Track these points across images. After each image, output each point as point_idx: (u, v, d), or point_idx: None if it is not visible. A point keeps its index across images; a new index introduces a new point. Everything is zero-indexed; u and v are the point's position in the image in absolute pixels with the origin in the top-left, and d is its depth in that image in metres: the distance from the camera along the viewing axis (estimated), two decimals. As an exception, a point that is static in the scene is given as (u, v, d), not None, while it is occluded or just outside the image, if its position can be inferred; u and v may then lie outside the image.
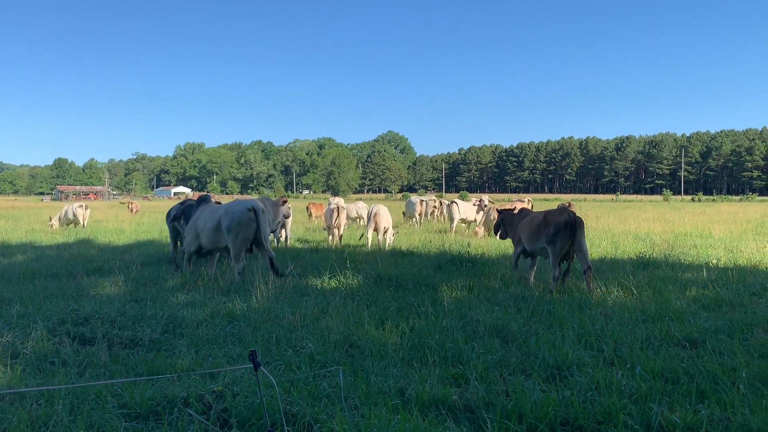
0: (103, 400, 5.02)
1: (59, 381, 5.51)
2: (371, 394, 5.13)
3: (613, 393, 5.07)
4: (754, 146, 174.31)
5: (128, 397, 5.05)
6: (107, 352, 6.45)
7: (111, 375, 5.80)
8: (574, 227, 9.77)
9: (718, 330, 7.09)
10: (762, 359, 5.94)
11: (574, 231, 9.76)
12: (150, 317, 7.85)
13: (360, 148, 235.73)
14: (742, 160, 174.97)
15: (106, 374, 5.84)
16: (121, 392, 5.20)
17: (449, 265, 12.34)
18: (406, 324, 7.42)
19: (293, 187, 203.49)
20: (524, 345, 6.56)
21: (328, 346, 6.56)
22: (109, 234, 22.96)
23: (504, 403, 4.91)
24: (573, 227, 9.77)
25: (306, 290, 9.74)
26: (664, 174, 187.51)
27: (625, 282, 9.91)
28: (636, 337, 6.74)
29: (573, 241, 9.81)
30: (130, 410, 4.88)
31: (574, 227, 9.77)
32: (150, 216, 39.22)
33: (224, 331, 7.31)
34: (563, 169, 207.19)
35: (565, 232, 9.77)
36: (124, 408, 4.92)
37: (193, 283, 10.51)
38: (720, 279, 10.42)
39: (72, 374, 5.79)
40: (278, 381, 5.34)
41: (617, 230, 22.90)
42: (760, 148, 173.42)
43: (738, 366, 5.73)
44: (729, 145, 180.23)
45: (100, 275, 11.59)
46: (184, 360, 6.13)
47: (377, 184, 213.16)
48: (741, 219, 30.44)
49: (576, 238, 9.80)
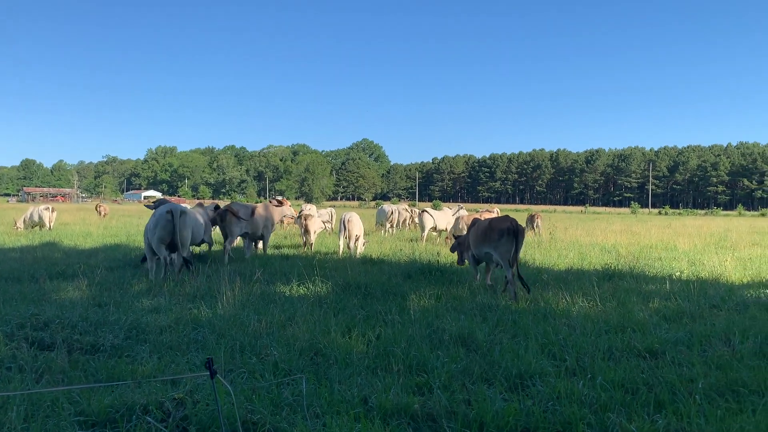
0: (59, 407, 4.92)
1: (14, 387, 5.39)
2: (334, 402, 5.12)
3: (573, 403, 5.13)
4: (719, 162, 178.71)
5: (86, 404, 4.96)
6: (67, 357, 6.32)
7: (69, 381, 5.69)
8: (517, 233, 10.44)
9: (678, 341, 7.22)
10: (719, 370, 6.07)
11: (516, 237, 10.40)
12: (113, 322, 7.72)
13: (334, 155, 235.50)
14: (708, 175, 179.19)
15: (65, 380, 5.72)
16: (79, 399, 5.10)
17: (418, 273, 12.38)
18: (372, 332, 7.41)
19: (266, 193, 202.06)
20: (488, 354, 6.61)
21: (293, 353, 6.52)
22: (75, 237, 22.53)
23: (466, 411, 4.94)
24: (516, 233, 10.43)
25: (273, 297, 9.68)
26: (632, 187, 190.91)
27: (589, 293, 10.05)
28: (598, 348, 6.83)
29: (516, 247, 10.39)
30: (87, 417, 4.79)
31: (516, 233, 10.43)
32: (119, 219, 38.62)
33: (188, 338, 7.22)
34: (534, 181, 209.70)
35: (508, 237, 10.42)
36: (81, 415, 4.83)
37: (159, 288, 10.37)
38: (682, 291, 10.63)
39: (28, 380, 5.66)
40: (240, 389, 5.31)
41: (585, 242, 23.22)
42: (724, 163, 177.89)
43: (696, 377, 5.85)
44: (695, 160, 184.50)
45: (63, 279, 11.37)
46: (145, 366, 6.05)
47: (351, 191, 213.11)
48: (705, 233, 31.11)
49: (518, 246, 10.44)
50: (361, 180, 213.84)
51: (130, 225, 32.75)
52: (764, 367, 6.09)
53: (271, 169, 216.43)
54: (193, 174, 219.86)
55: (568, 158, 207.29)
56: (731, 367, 6.12)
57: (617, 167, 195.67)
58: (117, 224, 33.16)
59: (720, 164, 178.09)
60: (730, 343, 7.11)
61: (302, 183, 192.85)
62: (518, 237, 10.46)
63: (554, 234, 25.12)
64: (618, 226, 35.68)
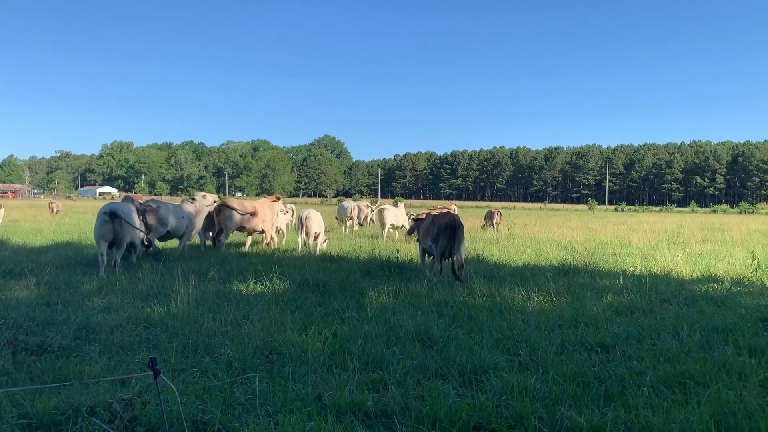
0: (0, 410, 4.75)
1: (-46, 390, 5.18)
2: (288, 400, 5.07)
3: (526, 397, 5.19)
4: (673, 160, 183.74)
5: (30, 407, 4.81)
6: (11, 358, 6.11)
7: (14, 383, 5.50)
8: (454, 228, 11.28)
9: (629, 335, 7.38)
10: (666, 363, 6.22)
11: (454, 231, 11.25)
12: (61, 322, 7.50)
13: (296, 151, 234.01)
14: (662, 172, 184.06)
15: (9, 382, 5.53)
16: (23, 401, 4.94)
17: (377, 270, 12.38)
18: (329, 330, 7.37)
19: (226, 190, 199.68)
20: (444, 350, 6.64)
21: (248, 352, 6.44)
22: (25, 235, 21.85)
23: (420, 407, 4.94)
24: (453, 228, 11.27)
25: (229, 295, 9.55)
26: (590, 184, 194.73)
27: (545, 288, 10.19)
28: (552, 342, 6.93)
29: (453, 241, 11.22)
30: (31, 420, 4.64)
31: (454, 228, 11.27)
32: (72, 216, 37.61)
33: (140, 338, 7.07)
34: (494, 178, 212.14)
35: (445, 232, 11.31)
36: (25, 418, 4.67)
37: (111, 286, 10.13)
38: (635, 286, 10.86)
39: (-31, 383, 5.45)
40: (191, 389, 5.22)
41: (542, 238, 23.58)
42: (678, 161, 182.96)
43: (645, 370, 5.98)
44: (650, 158, 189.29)
45: (10, 278, 10.99)
46: (94, 367, 5.89)
47: (313, 188, 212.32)
48: (659, 229, 31.92)
49: (456, 238, 11.24)
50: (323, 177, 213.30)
51: (84, 222, 31.93)
52: (710, 360, 6.26)
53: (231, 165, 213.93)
54: (150, 170, 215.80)
55: (528, 156, 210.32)
56: (679, 360, 6.28)
57: (575, 165, 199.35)
58: (70, 221, 32.31)
59: (674, 162, 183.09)
60: (678, 337, 7.30)
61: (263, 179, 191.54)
62: (456, 232, 11.26)
63: (512, 230, 25.43)
64: (575, 223, 36.34)
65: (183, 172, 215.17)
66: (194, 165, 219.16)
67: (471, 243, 20.22)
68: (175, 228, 14.96)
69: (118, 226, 12.15)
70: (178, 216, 15.04)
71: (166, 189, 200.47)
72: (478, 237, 23.28)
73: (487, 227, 26.78)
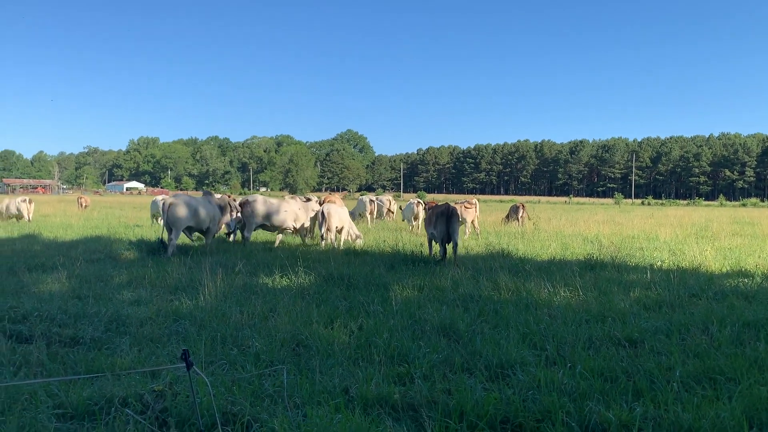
0: (37, 400, 4.87)
1: (-9, 380, 5.32)
2: (315, 393, 5.11)
3: (553, 392, 5.16)
4: (701, 152, 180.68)
5: (64, 397, 4.92)
6: (45, 350, 6.25)
7: (48, 374, 5.63)
8: (449, 216, 13.02)
9: (658, 330, 7.30)
10: (696, 358, 6.15)
11: (450, 218, 13.00)
12: (92, 315, 7.65)
13: (319, 146, 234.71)
14: (690, 165, 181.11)
15: (43, 373, 5.66)
16: (58, 392, 5.05)
17: (401, 264, 12.40)
18: (354, 323, 7.41)
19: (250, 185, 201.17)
20: (470, 344, 6.63)
21: (275, 345, 6.50)
22: (55, 229, 22.27)
23: (446, 401, 4.95)
24: (448, 216, 13.02)
25: (255, 289, 9.64)
26: (616, 178, 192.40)
27: (571, 283, 10.11)
28: (579, 337, 6.88)
29: (449, 226, 12.99)
30: (66, 411, 4.75)
31: (449, 216, 13.02)
32: (100, 211, 38.26)
33: (169, 330, 7.18)
34: (518, 172, 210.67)
35: (441, 218, 13.09)
36: (60, 408, 4.78)
37: (140, 280, 10.29)
38: (662, 281, 10.73)
39: (6, 373, 5.60)
40: (220, 380, 5.29)
41: (568, 232, 23.37)
42: (706, 154, 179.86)
43: (674, 365, 5.91)
44: (678, 151, 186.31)
45: (42, 271, 11.23)
46: (125, 359, 6.00)
47: (335, 182, 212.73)
48: (687, 223, 31.45)
49: (451, 224, 13.02)
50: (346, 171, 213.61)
51: (111, 217, 32.47)
52: (741, 355, 6.17)
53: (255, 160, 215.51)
54: (176, 165, 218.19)
55: (553, 149, 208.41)
56: (709, 355, 6.20)
57: (601, 158, 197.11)
58: (98, 216, 32.86)
59: (702, 155, 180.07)
60: (708, 332, 7.20)
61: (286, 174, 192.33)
62: (451, 219, 13.02)
63: (538, 224, 25.25)
64: (601, 217, 35.95)
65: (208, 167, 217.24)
66: (219, 160, 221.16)
67: (495, 237, 20.13)
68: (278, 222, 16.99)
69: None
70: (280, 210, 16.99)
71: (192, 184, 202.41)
72: (503, 231, 23.14)
73: (511, 221, 26.58)
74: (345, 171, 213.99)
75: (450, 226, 13.03)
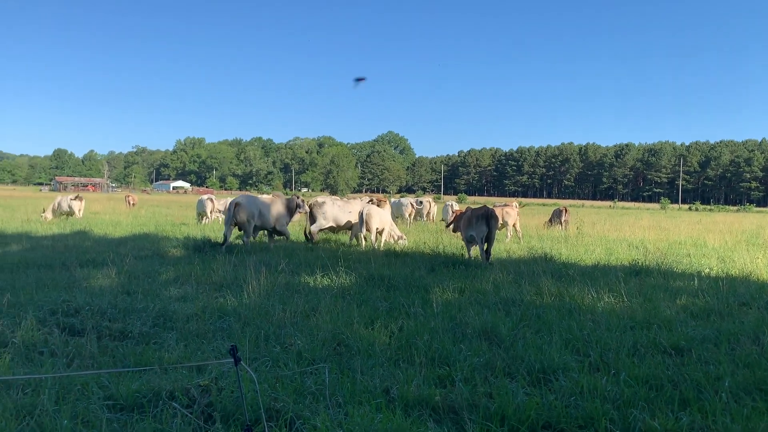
0: (89, 391, 5.04)
1: (46, 371, 5.53)
2: (356, 392, 5.16)
3: (596, 398, 5.10)
4: (753, 157, 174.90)
5: (114, 389, 5.08)
6: (96, 343, 6.46)
7: (99, 366, 5.82)
8: (489, 218, 13.34)
9: (705, 339, 7.12)
10: (746, 369, 5.98)
11: (489, 221, 13.33)
12: (141, 310, 7.87)
13: (359, 147, 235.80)
14: (741, 170, 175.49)
15: (94, 365, 5.85)
16: (108, 384, 5.22)
17: (442, 266, 12.37)
18: (395, 324, 7.44)
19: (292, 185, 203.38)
20: (511, 348, 6.59)
21: (317, 343, 6.58)
22: (105, 226, 22.94)
23: (487, 404, 4.94)
24: (487, 218, 13.37)
25: (298, 287, 9.76)
26: (662, 182, 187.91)
27: (616, 289, 9.94)
28: (623, 344, 6.77)
29: (489, 229, 13.33)
30: (116, 402, 4.91)
31: (488, 218, 13.36)
32: (147, 209, 39.23)
33: (214, 326, 7.34)
34: (562, 175, 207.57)
35: (480, 221, 13.40)
36: (110, 400, 4.94)
37: (186, 276, 10.53)
38: (710, 288, 10.45)
39: (60, 364, 5.81)
40: (264, 377, 5.38)
41: (612, 237, 22.94)
42: (758, 159, 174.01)
43: (722, 375, 5.76)
44: (728, 156, 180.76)
45: (93, 267, 11.59)
46: (172, 353, 6.16)
47: (376, 184, 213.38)
48: (736, 229, 30.49)
49: (490, 227, 13.33)
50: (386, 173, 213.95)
51: (158, 215, 33.27)
52: (794, 367, 5.97)
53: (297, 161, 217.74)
54: (221, 165, 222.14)
55: (597, 152, 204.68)
56: (760, 366, 6.02)
57: (647, 162, 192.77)
58: (146, 214, 33.70)
59: (754, 159, 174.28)
60: (759, 342, 6.98)
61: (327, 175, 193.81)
62: (490, 221, 13.36)
63: (581, 229, 24.80)
64: (647, 222, 35.16)
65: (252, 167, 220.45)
66: (262, 161, 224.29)
67: (538, 242, 19.91)
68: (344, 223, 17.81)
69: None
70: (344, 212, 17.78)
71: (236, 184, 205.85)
72: (546, 235, 22.84)
73: (554, 225, 26.22)
74: (385, 172, 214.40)
75: (490, 229, 13.38)
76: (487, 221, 13.34)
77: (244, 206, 15.64)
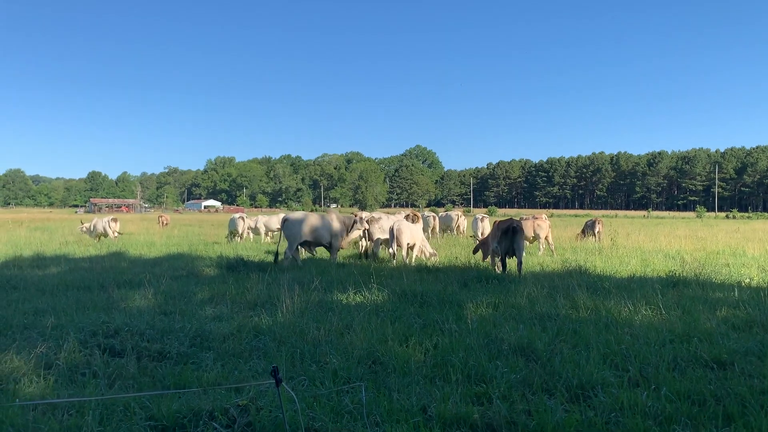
0: (131, 412, 5.14)
1: (89, 392, 5.65)
2: (393, 411, 5.16)
3: (637, 414, 5.02)
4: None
5: (155, 410, 5.16)
6: (136, 364, 6.58)
7: (139, 387, 5.93)
8: (515, 232, 13.45)
9: (749, 351, 6.95)
10: (793, 383, 5.82)
11: (514, 234, 13.43)
12: (178, 330, 7.98)
13: (388, 162, 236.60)
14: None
15: (135, 386, 5.96)
16: (149, 404, 5.31)
17: (474, 282, 12.31)
18: (429, 341, 7.43)
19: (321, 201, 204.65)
20: (548, 364, 6.52)
21: (352, 362, 6.60)
22: (140, 247, 23.38)
23: (526, 422, 4.90)
24: (513, 232, 13.45)
25: (331, 305, 9.81)
26: (697, 190, 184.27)
27: (653, 301, 9.78)
28: (663, 358, 6.65)
29: (513, 242, 13.46)
30: (157, 422, 4.99)
31: (514, 232, 13.45)
32: (180, 229, 39.81)
33: (250, 345, 7.41)
34: (594, 185, 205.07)
35: (506, 234, 13.50)
36: (152, 420, 5.03)
37: (221, 296, 10.66)
38: (752, 299, 10.20)
39: (102, 386, 5.93)
40: (301, 396, 5.41)
41: (647, 248, 22.56)
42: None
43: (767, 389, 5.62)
44: (765, 161, 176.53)
45: (130, 288, 11.82)
46: (210, 373, 6.24)
47: (404, 198, 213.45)
48: (776, 237, 29.73)
49: (516, 240, 13.46)
50: (415, 187, 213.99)
51: (191, 234, 33.75)
52: (843, 380, 5.80)
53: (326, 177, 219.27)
54: (251, 183, 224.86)
55: (629, 161, 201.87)
56: (806, 380, 5.86)
57: (681, 170, 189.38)
58: (179, 233, 34.21)
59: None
60: (804, 354, 6.80)
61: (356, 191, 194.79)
62: (516, 234, 13.42)
63: (615, 240, 24.43)
64: (682, 231, 34.53)
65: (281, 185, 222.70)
66: (292, 178, 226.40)
67: (572, 254, 19.69)
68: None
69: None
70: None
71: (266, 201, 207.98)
72: (579, 247, 22.57)
73: (588, 237, 25.89)
74: (414, 186, 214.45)
75: (514, 243, 13.46)
76: (513, 235, 13.42)
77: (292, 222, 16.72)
